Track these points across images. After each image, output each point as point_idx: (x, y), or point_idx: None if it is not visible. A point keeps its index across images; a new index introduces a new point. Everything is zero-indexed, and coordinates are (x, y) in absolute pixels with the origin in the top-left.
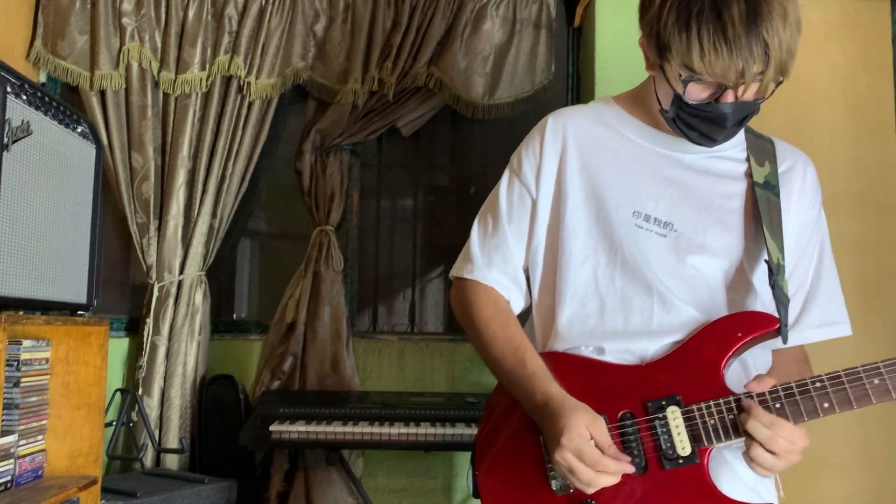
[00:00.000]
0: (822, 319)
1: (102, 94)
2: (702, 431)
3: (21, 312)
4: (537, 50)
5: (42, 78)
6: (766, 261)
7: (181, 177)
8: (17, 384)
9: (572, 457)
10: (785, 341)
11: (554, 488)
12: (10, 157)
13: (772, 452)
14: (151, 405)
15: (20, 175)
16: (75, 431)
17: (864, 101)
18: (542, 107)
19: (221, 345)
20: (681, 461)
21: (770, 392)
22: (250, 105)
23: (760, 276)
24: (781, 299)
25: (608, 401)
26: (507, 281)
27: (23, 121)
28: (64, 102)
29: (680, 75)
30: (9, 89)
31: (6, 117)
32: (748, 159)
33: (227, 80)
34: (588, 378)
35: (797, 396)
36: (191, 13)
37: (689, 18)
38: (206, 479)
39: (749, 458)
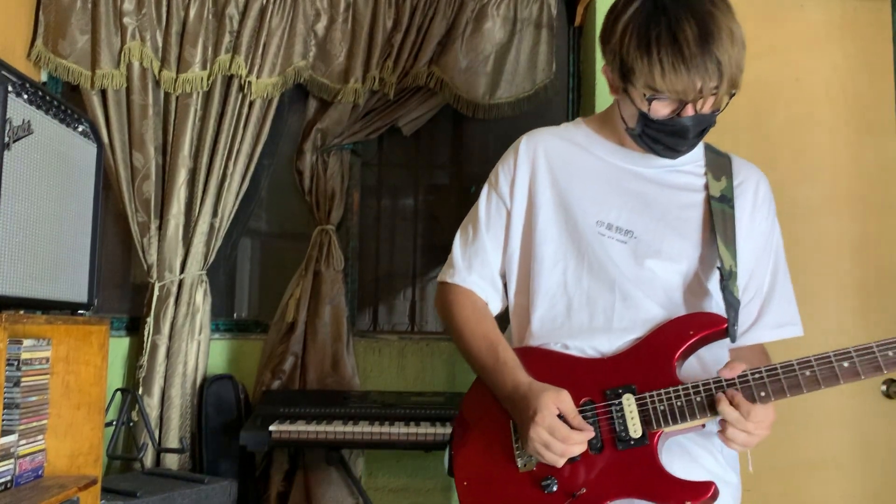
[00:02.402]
0: (777, 321)
1: (103, 93)
2: (652, 416)
3: (21, 312)
4: (538, 49)
5: (43, 77)
6: (718, 267)
7: (182, 176)
8: (17, 384)
9: (546, 433)
10: (733, 340)
11: (519, 465)
12: (11, 157)
13: (744, 431)
14: (152, 405)
15: (21, 174)
16: (75, 431)
17: (864, 101)
18: (543, 106)
19: (222, 344)
20: (632, 442)
21: (739, 377)
22: (251, 104)
23: (714, 281)
24: (731, 302)
25: (572, 389)
26: (485, 284)
27: (24, 120)
28: (65, 101)
29: (644, 95)
30: (10, 88)
31: (7, 116)
32: (706, 174)
33: (228, 80)
34: (555, 369)
35: (765, 379)
36: (192, 12)
37: (648, 43)
38: (206, 479)
39: (725, 438)
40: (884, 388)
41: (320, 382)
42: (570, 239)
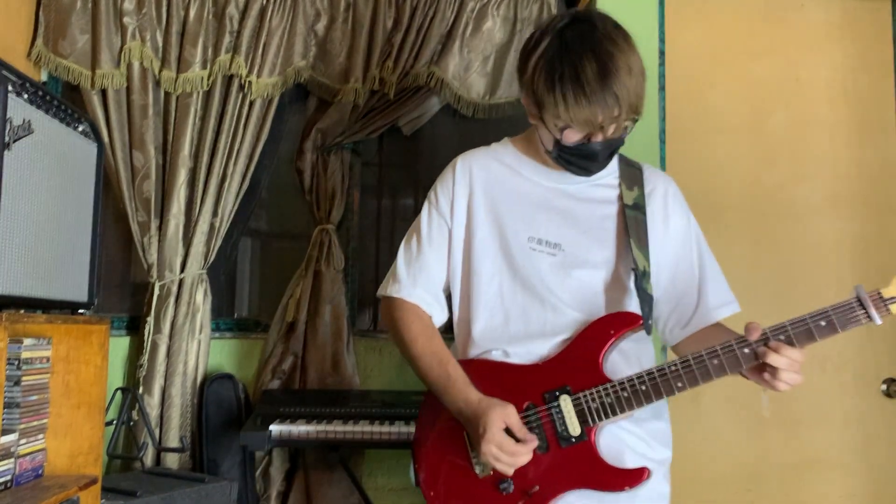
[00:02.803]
0: (718, 301)
1: (103, 92)
2: (587, 414)
3: (22, 311)
4: None
5: (43, 77)
6: (632, 269)
7: (182, 175)
8: (17, 383)
9: (496, 449)
10: (648, 333)
11: (477, 471)
12: (12, 156)
13: (794, 372)
14: (152, 404)
15: (21, 174)
16: (76, 430)
17: (865, 101)
18: None
19: (222, 344)
20: (573, 440)
21: (770, 330)
22: (251, 104)
23: (632, 281)
24: (645, 299)
25: (515, 395)
26: (430, 298)
27: (24, 120)
28: (65, 101)
29: (557, 124)
30: (10, 88)
31: (7, 116)
32: (620, 185)
33: (229, 80)
34: (497, 378)
35: (790, 331)
36: (192, 12)
37: (553, 80)
38: (206, 479)
39: (776, 383)
40: (884, 387)
41: (320, 382)
42: (504, 256)
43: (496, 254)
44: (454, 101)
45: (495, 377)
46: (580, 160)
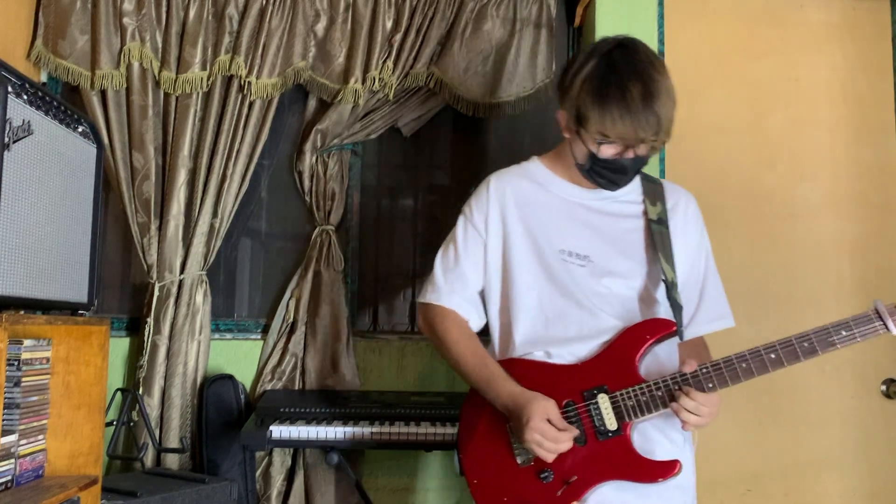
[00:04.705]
0: (711, 316)
1: (103, 93)
2: (623, 411)
3: (22, 312)
4: (538, 49)
5: (43, 78)
6: (662, 280)
7: (182, 176)
8: (17, 384)
9: (539, 436)
10: (681, 339)
11: (519, 462)
12: (11, 157)
13: (697, 415)
14: (152, 405)
15: (21, 175)
16: (76, 431)
17: (864, 102)
18: (543, 106)
19: (222, 344)
20: (610, 434)
21: (692, 374)
22: (251, 105)
23: (661, 291)
24: (676, 308)
25: (555, 392)
26: (466, 305)
27: (24, 120)
28: (65, 102)
29: (595, 139)
30: (10, 89)
31: (7, 117)
32: (644, 201)
33: (228, 80)
34: (539, 376)
35: (711, 373)
36: (191, 13)
37: (601, 98)
38: (206, 479)
39: (682, 420)
40: (884, 388)
41: (320, 382)
42: (541, 266)
43: (533, 264)
44: (454, 101)
45: (536, 375)
46: (611, 173)
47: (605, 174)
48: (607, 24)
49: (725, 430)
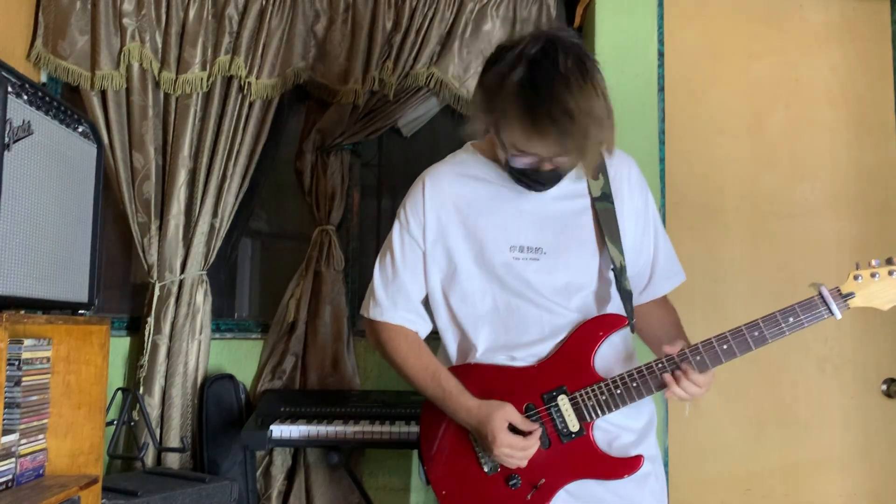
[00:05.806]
0: (666, 275)
1: (103, 94)
2: (584, 411)
3: (22, 311)
4: None
5: (43, 78)
6: (611, 268)
7: (182, 176)
8: (18, 383)
9: (507, 449)
10: (633, 331)
11: (486, 470)
12: (12, 157)
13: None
14: (152, 404)
15: (21, 175)
16: (76, 430)
17: (864, 102)
18: None
19: (222, 344)
20: (573, 435)
21: (689, 349)
22: (251, 105)
23: (612, 278)
24: (626, 297)
25: (514, 397)
26: (412, 316)
27: (24, 120)
28: (65, 102)
29: (510, 151)
30: (10, 89)
31: (7, 117)
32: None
33: (228, 81)
34: (496, 382)
35: (701, 350)
36: (191, 13)
37: (516, 111)
38: (206, 478)
39: (675, 395)
40: (884, 387)
41: (321, 382)
42: (489, 272)
43: (481, 271)
44: (454, 101)
45: (493, 381)
46: (529, 180)
47: (523, 180)
48: (607, 24)
49: (725, 430)
